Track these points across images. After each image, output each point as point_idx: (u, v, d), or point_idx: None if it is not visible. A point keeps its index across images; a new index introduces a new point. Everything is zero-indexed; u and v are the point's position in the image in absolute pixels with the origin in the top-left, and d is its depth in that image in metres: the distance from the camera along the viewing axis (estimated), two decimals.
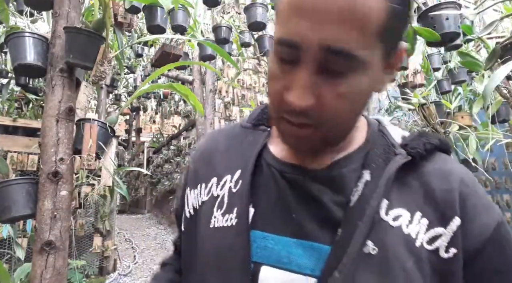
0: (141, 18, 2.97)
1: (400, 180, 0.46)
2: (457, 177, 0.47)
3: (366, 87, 0.42)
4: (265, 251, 0.47)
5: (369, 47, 0.39)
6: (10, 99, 3.57)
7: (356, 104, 0.43)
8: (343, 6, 0.36)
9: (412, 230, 0.44)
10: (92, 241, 4.26)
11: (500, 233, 0.45)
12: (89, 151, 1.46)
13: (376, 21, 0.37)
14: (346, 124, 0.45)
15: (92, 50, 1.39)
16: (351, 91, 0.40)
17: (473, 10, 1.57)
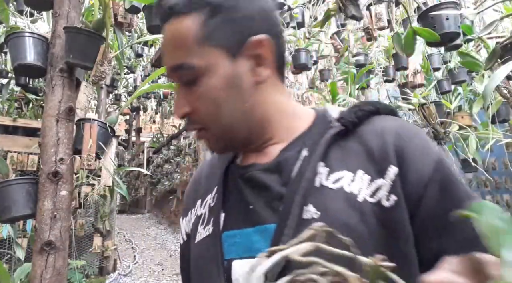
0: (141, 18, 2.96)
1: (342, 147, 0.51)
2: (390, 131, 0.50)
3: (220, 83, 0.50)
4: (234, 247, 0.52)
5: (195, 54, 0.49)
6: (10, 99, 3.57)
7: (221, 99, 0.50)
8: (168, 38, 0.52)
9: (354, 187, 0.47)
10: (92, 241, 4.26)
11: (439, 173, 0.46)
12: (89, 151, 1.46)
13: (191, 36, 0.49)
14: (227, 119, 0.52)
15: (92, 50, 1.39)
16: (204, 92, 0.50)
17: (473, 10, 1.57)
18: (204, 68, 0.49)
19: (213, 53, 0.50)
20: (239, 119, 0.52)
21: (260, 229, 0.50)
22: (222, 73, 0.50)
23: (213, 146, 0.55)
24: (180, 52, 0.50)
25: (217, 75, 0.50)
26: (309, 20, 3.33)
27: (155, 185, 8.58)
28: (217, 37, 0.50)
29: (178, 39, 0.50)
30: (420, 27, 1.61)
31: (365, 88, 3.74)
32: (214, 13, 0.49)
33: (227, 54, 0.50)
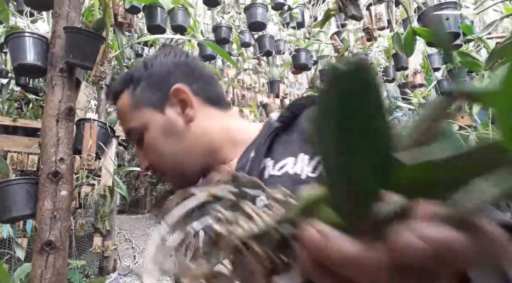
0: (141, 18, 2.96)
1: (284, 139, 0.57)
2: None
3: (157, 133, 0.61)
4: None
5: (131, 119, 0.62)
6: (10, 99, 3.57)
7: (163, 146, 0.61)
8: (118, 112, 0.66)
9: (297, 168, 0.52)
10: (92, 241, 4.25)
11: None
12: (89, 151, 1.46)
13: (125, 105, 0.63)
14: (176, 157, 0.62)
15: (92, 50, 1.39)
16: (149, 145, 0.62)
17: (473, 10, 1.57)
18: (142, 127, 0.62)
19: (144, 113, 0.62)
20: (186, 156, 0.62)
21: None
22: (156, 125, 0.61)
23: (180, 185, 0.63)
24: (125, 120, 0.64)
25: (153, 128, 0.61)
26: (309, 20, 3.33)
27: (155, 185, 8.57)
28: (143, 101, 0.62)
29: (121, 111, 0.64)
30: (420, 27, 1.61)
31: None
32: (137, 84, 0.63)
33: (155, 110, 0.61)
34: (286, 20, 3.28)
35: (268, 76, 3.85)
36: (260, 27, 2.78)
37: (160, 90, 0.62)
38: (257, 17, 2.67)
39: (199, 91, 0.64)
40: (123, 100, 0.64)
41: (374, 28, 2.35)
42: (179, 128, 0.61)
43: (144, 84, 0.63)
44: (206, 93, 0.65)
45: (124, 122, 0.64)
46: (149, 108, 0.62)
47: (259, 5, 2.68)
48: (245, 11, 2.78)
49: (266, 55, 3.30)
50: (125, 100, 0.63)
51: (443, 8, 1.67)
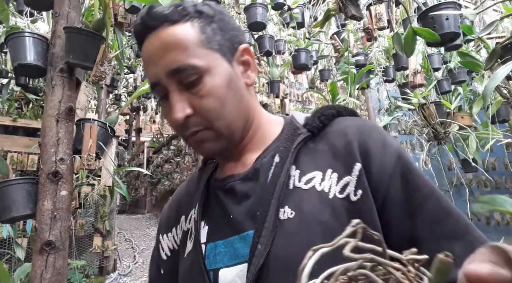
0: None
1: (310, 149, 0.55)
2: (353, 129, 0.54)
3: (221, 81, 0.53)
4: (219, 257, 0.54)
5: (197, 56, 0.52)
6: (10, 99, 3.57)
7: (223, 97, 0.53)
8: (164, 42, 0.52)
9: (324, 186, 0.51)
10: (92, 241, 4.26)
11: (401, 164, 0.50)
12: (89, 151, 1.46)
13: (191, 39, 0.53)
14: (228, 116, 0.54)
15: (92, 50, 1.39)
16: (210, 90, 0.52)
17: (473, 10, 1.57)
18: (206, 68, 0.52)
19: (213, 55, 0.54)
20: (238, 117, 0.56)
21: (243, 236, 0.52)
22: (223, 73, 0.54)
23: (211, 146, 0.56)
24: (181, 55, 0.52)
25: (219, 75, 0.53)
26: (309, 20, 3.33)
27: (155, 185, 8.58)
28: (214, 42, 0.54)
29: (177, 44, 0.52)
30: (420, 27, 1.61)
31: (365, 88, 3.74)
32: (210, 22, 0.55)
33: (223, 57, 0.55)
34: (286, 20, 3.28)
35: (268, 76, 3.85)
36: (260, 27, 2.78)
37: (231, 41, 0.57)
38: (257, 17, 2.67)
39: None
40: (185, 31, 0.53)
41: (374, 28, 2.35)
42: (241, 87, 0.57)
43: (217, 26, 0.56)
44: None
45: (174, 58, 0.52)
46: (217, 53, 0.55)
47: (259, 5, 2.68)
48: (245, 11, 2.78)
49: (266, 55, 3.30)
50: (188, 32, 0.53)
51: (443, 8, 1.67)
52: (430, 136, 2.63)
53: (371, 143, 0.52)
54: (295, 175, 0.53)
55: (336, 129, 0.56)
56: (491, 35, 2.13)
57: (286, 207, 0.50)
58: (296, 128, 0.58)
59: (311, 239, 0.46)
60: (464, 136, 2.50)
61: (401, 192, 0.49)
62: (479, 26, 3.18)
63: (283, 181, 0.51)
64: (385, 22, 2.28)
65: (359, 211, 0.48)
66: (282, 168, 0.53)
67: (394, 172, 0.50)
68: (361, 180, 0.49)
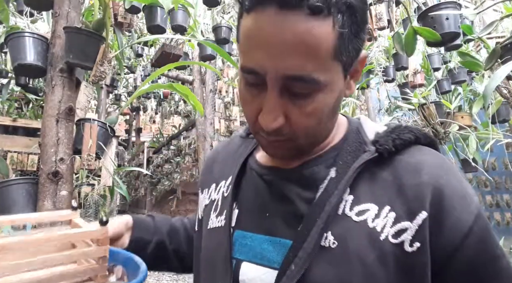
0: (141, 18, 2.96)
1: (372, 174, 0.47)
2: (429, 170, 0.46)
3: (331, 101, 0.45)
4: (245, 248, 0.51)
5: (325, 69, 0.42)
6: (10, 99, 3.57)
7: (324, 117, 0.46)
8: (294, 38, 0.40)
9: (378, 223, 0.44)
10: None
11: (479, 225, 0.43)
12: (89, 151, 1.46)
13: (326, 46, 0.41)
14: (318, 134, 0.49)
15: (92, 50, 1.39)
16: (317, 108, 0.44)
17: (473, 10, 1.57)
18: (327, 84, 0.43)
19: (336, 68, 0.44)
20: (326, 134, 0.50)
21: (275, 240, 0.49)
22: (336, 91, 0.45)
23: (281, 153, 0.50)
24: (309, 64, 0.41)
25: (333, 92, 0.45)
26: None
27: (155, 185, 8.57)
28: (346, 52, 0.43)
29: (311, 47, 0.40)
30: (420, 27, 1.61)
31: (365, 88, 3.74)
32: (352, 22, 0.42)
33: (342, 70, 0.45)
34: None
35: None
36: None
37: (358, 50, 0.45)
38: None
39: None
40: (324, 32, 0.40)
41: (374, 28, 2.35)
42: (340, 100, 0.48)
43: (355, 29, 0.42)
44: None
45: (300, 63, 0.41)
46: (341, 66, 0.44)
47: None
48: None
49: None
50: (328, 37, 0.40)
51: (443, 8, 1.67)
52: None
53: (447, 191, 0.44)
54: (348, 200, 0.46)
55: (408, 161, 0.47)
56: (491, 35, 2.13)
57: (329, 233, 0.45)
58: (362, 143, 0.50)
59: (349, 278, 0.42)
60: (464, 136, 2.51)
61: (472, 257, 0.43)
62: (479, 26, 3.18)
63: (334, 202, 0.45)
64: (385, 22, 2.28)
65: (411, 264, 0.42)
66: (337, 186, 0.46)
67: (471, 233, 0.43)
68: (422, 231, 0.42)
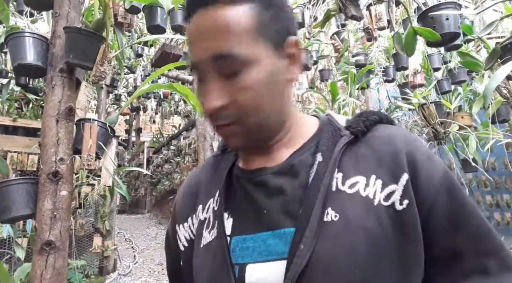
0: (141, 18, 2.97)
1: (353, 153, 0.54)
2: (400, 139, 0.54)
3: (265, 76, 0.50)
4: (247, 251, 0.52)
5: (247, 46, 0.48)
6: (10, 99, 3.57)
7: (263, 92, 0.50)
8: (212, 25, 0.48)
9: (369, 191, 0.50)
10: (92, 241, 4.26)
11: (447, 180, 0.51)
12: (89, 151, 1.46)
13: (244, 26, 0.48)
14: (262, 114, 0.52)
15: (92, 50, 1.39)
16: (251, 82, 0.49)
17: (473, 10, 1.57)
18: (252, 59, 0.49)
19: (261, 45, 0.50)
20: (272, 114, 0.53)
21: (278, 233, 0.51)
22: (267, 66, 0.50)
23: (238, 142, 0.53)
24: (228, 40, 0.48)
25: (263, 68, 0.50)
26: (309, 20, 3.32)
27: (155, 185, 8.58)
28: (267, 30, 0.50)
29: (227, 27, 0.48)
30: (420, 27, 1.61)
31: (365, 88, 3.74)
32: (267, 6, 0.51)
33: (271, 48, 0.51)
34: None
35: None
36: None
37: (283, 31, 0.52)
38: None
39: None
40: (237, 14, 0.49)
41: (374, 28, 2.35)
42: (282, 83, 0.53)
43: (274, 12, 0.51)
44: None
45: (220, 43, 0.48)
46: (268, 43, 0.50)
47: None
48: None
49: None
50: (241, 16, 0.49)
51: (443, 8, 1.67)
52: (430, 136, 2.63)
53: (418, 155, 0.52)
54: (338, 177, 0.52)
55: (380, 135, 0.55)
56: (491, 35, 2.13)
57: (329, 208, 0.49)
58: (337, 129, 0.57)
59: (355, 244, 0.46)
60: (464, 136, 2.50)
61: (447, 206, 0.50)
62: (479, 26, 3.18)
63: (327, 181, 0.50)
64: (385, 22, 2.28)
65: (404, 221, 0.48)
66: (326, 168, 0.51)
67: (441, 187, 0.50)
68: (407, 190, 0.49)
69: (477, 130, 2.60)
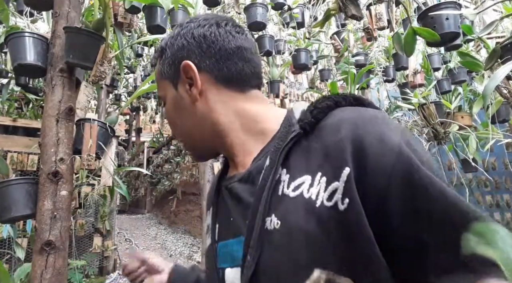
0: (141, 18, 2.96)
1: (303, 148, 0.50)
2: (347, 123, 0.46)
3: (169, 106, 0.64)
4: (226, 256, 0.56)
5: (160, 87, 0.66)
6: (10, 99, 3.56)
7: (172, 120, 0.65)
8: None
9: (312, 192, 0.46)
10: (92, 241, 4.26)
11: (401, 163, 0.42)
12: (89, 151, 1.46)
13: (157, 74, 0.66)
14: (188, 131, 0.64)
15: (92, 50, 1.39)
16: (167, 114, 0.66)
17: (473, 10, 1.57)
18: (162, 97, 0.65)
19: (165, 84, 0.64)
20: (194, 134, 0.63)
21: (240, 240, 0.52)
22: (170, 99, 0.64)
23: (192, 154, 0.68)
24: (157, 87, 0.68)
25: (168, 101, 0.64)
26: (309, 20, 3.32)
27: (155, 185, 8.57)
28: (164, 72, 0.63)
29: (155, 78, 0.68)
30: (420, 27, 1.61)
31: (365, 88, 3.74)
32: (162, 54, 0.64)
33: (171, 83, 0.63)
34: (286, 20, 3.28)
35: (268, 76, 3.85)
36: (260, 27, 2.78)
37: (175, 64, 0.61)
38: (257, 17, 2.67)
39: (209, 69, 0.58)
40: (156, 68, 0.66)
41: (374, 28, 2.35)
42: (187, 106, 0.61)
43: (165, 56, 0.63)
44: (219, 71, 0.59)
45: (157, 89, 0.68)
46: (167, 81, 0.63)
47: (259, 5, 2.68)
48: (245, 11, 2.78)
49: (266, 55, 3.30)
50: (157, 70, 0.66)
51: (443, 8, 1.67)
52: (430, 136, 2.63)
53: (366, 140, 0.44)
54: (285, 179, 0.49)
55: (331, 123, 0.48)
56: (491, 35, 2.13)
57: (273, 215, 0.47)
58: (291, 125, 0.53)
59: (297, 252, 0.44)
60: (464, 136, 2.51)
61: (402, 195, 0.42)
62: (479, 26, 3.18)
63: (270, 186, 0.48)
64: (385, 22, 2.28)
65: (347, 221, 0.43)
66: (271, 172, 0.49)
67: (393, 172, 0.42)
68: (348, 186, 0.43)
69: (477, 130, 2.60)
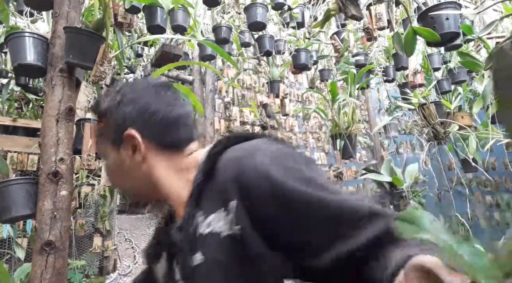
0: (141, 18, 2.96)
1: (209, 191, 0.58)
2: (231, 165, 0.56)
3: (110, 163, 0.72)
4: None
5: (99, 147, 0.75)
6: (10, 99, 3.56)
7: (110, 174, 0.74)
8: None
9: (216, 226, 0.54)
10: (92, 241, 4.25)
11: (270, 186, 0.50)
12: (89, 151, 1.46)
13: (98, 136, 0.74)
14: (121, 187, 0.76)
15: (92, 50, 1.39)
16: (106, 170, 0.74)
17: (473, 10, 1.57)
18: (103, 154, 0.73)
19: (107, 145, 0.71)
20: (135, 186, 0.71)
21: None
22: (111, 159, 0.71)
23: (128, 198, 0.80)
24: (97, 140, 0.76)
25: (110, 160, 0.71)
26: (309, 20, 3.32)
27: None
28: (106, 136, 0.71)
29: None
30: (420, 27, 1.61)
31: (365, 88, 3.74)
32: (103, 117, 0.71)
33: (113, 146, 0.70)
34: (286, 20, 3.28)
35: (268, 76, 3.85)
36: (260, 27, 2.78)
37: (117, 131, 0.68)
38: (257, 17, 2.67)
39: (151, 137, 0.67)
40: (98, 127, 0.74)
41: (374, 28, 2.35)
42: (129, 167, 0.69)
43: (108, 121, 0.70)
44: (161, 139, 0.68)
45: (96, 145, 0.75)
46: (109, 142, 0.70)
47: (259, 5, 2.68)
48: (245, 11, 2.78)
49: (266, 55, 3.30)
50: (98, 128, 0.74)
51: (443, 8, 1.67)
52: (430, 136, 2.63)
53: (246, 175, 0.53)
54: (201, 220, 0.57)
55: (220, 165, 0.58)
56: (491, 35, 2.13)
57: (198, 253, 0.55)
58: (198, 172, 0.62)
59: (217, 280, 0.52)
60: (464, 136, 2.51)
61: (276, 212, 0.50)
62: (479, 26, 3.18)
63: (189, 229, 0.57)
64: (385, 22, 2.28)
65: (243, 245, 0.51)
66: (188, 215, 0.58)
67: (268, 193, 0.50)
68: (238, 215, 0.52)
69: (477, 130, 2.60)
